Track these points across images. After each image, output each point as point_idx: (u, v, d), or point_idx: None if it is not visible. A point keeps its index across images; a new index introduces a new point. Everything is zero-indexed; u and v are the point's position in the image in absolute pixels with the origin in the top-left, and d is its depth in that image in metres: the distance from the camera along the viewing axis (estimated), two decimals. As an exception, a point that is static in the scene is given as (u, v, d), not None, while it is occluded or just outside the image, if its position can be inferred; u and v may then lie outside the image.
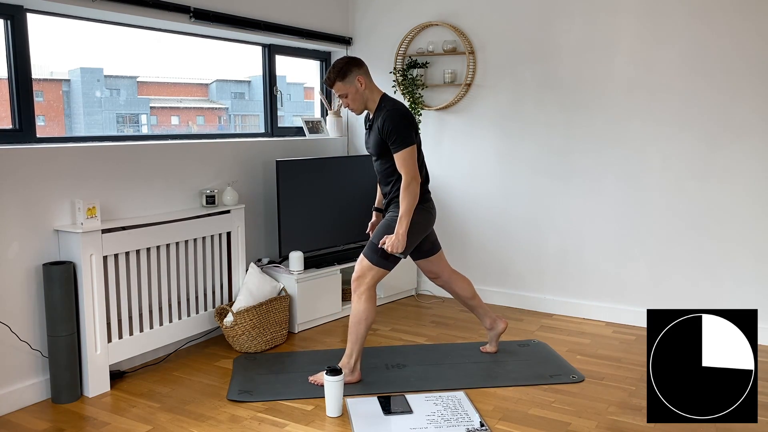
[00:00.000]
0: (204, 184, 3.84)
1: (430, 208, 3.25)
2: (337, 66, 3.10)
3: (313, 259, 4.21)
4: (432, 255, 3.43)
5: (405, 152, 3.04)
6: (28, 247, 2.99)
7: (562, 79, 4.18)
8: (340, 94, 3.14)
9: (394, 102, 3.14)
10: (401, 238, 3.04)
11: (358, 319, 3.13)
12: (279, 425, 2.79)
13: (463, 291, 3.49)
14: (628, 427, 2.75)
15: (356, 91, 3.11)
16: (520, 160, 4.39)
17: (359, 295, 3.13)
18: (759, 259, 3.69)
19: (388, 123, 3.04)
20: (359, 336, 3.14)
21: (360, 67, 3.12)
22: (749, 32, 3.60)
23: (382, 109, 3.10)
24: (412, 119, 3.12)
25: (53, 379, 3.01)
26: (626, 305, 4.12)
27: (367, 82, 3.13)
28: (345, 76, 3.09)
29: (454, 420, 2.79)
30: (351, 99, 3.13)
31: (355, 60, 3.13)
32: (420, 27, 4.63)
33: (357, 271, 3.17)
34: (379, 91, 3.18)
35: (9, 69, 3.05)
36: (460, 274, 3.52)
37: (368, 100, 3.15)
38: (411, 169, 3.05)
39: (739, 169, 3.71)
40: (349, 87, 3.10)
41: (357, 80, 3.10)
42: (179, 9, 3.59)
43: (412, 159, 3.05)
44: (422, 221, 3.19)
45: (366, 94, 3.13)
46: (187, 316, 3.62)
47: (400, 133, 3.03)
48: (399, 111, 3.08)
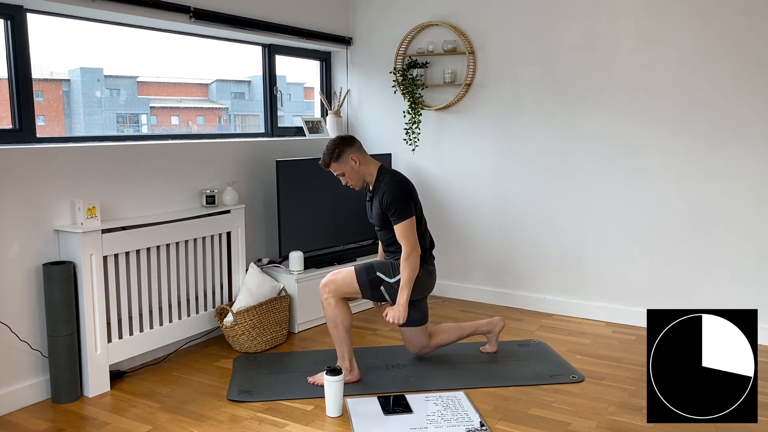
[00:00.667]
0: (204, 184, 3.84)
1: (432, 271, 3.32)
2: (330, 148, 3.18)
3: (313, 259, 4.21)
4: (421, 325, 3.38)
5: (405, 224, 3.11)
6: (28, 247, 2.99)
7: (562, 79, 4.18)
8: (337, 174, 3.21)
9: (392, 174, 3.22)
10: (402, 309, 3.10)
11: (334, 323, 3.17)
12: (279, 425, 2.79)
13: (451, 336, 3.48)
14: (628, 427, 2.75)
15: (352, 169, 3.19)
16: (520, 160, 4.39)
17: (325, 299, 3.17)
18: (759, 259, 3.69)
19: (387, 196, 3.13)
20: (341, 338, 3.17)
21: (352, 145, 3.19)
22: (749, 32, 3.60)
23: (381, 182, 3.18)
24: (410, 189, 3.20)
25: (53, 379, 3.01)
26: (626, 305, 4.12)
27: (361, 159, 3.20)
28: (339, 157, 3.17)
29: (454, 420, 2.79)
30: (348, 177, 3.21)
31: (345, 140, 3.20)
32: (420, 27, 4.63)
33: (332, 275, 3.20)
34: (375, 163, 3.25)
35: (9, 69, 3.05)
36: (437, 329, 3.48)
37: (365, 174, 3.23)
38: (411, 241, 3.11)
39: (739, 169, 3.71)
40: (344, 166, 3.18)
41: (351, 159, 3.17)
42: (179, 9, 3.59)
43: (412, 230, 3.12)
44: (423, 280, 3.25)
45: (362, 170, 3.21)
46: (187, 316, 3.62)
47: (398, 206, 3.11)
48: (397, 183, 3.16)
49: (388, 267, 3.22)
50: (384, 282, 3.20)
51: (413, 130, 4.66)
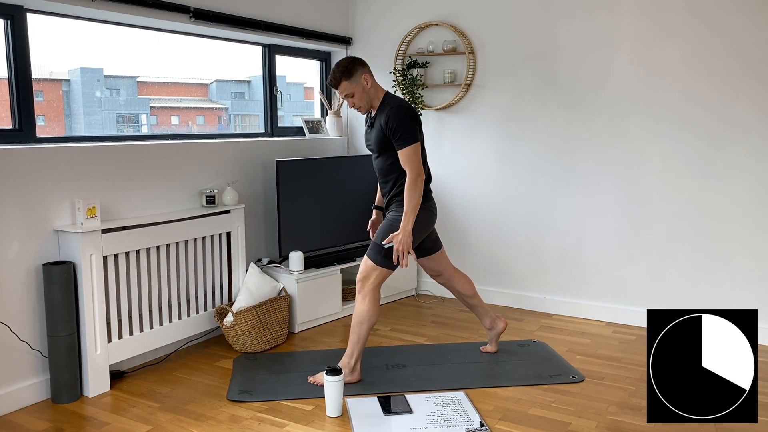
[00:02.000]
0: (204, 184, 3.84)
1: (431, 207, 3.24)
2: (342, 65, 3.08)
3: (313, 259, 4.21)
4: (434, 253, 3.43)
5: (410, 149, 3.04)
6: (28, 247, 2.99)
7: (562, 79, 4.18)
8: (345, 94, 3.12)
9: (398, 99, 3.14)
10: (407, 236, 3.04)
11: (361, 320, 3.13)
12: (279, 425, 2.79)
13: (464, 289, 3.50)
14: (628, 427, 2.75)
15: (362, 90, 3.11)
16: (520, 160, 4.39)
17: (363, 296, 3.13)
18: (759, 259, 3.69)
19: (392, 120, 3.04)
20: (361, 336, 3.14)
21: (364, 65, 3.12)
22: (749, 32, 3.60)
23: (386, 107, 3.10)
24: (417, 116, 3.13)
25: (53, 379, 3.01)
26: (626, 305, 4.12)
27: (372, 81, 3.13)
28: (351, 74, 3.08)
29: (454, 420, 2.79)
30: (357, 98, 3.12)
31: (358, 59, 3.13)
32: (420, 27, 4.63)
33: (361, 272, 3.17)
34: (383, 89, 3.18)
35: (9, 69, 3.05)
36: (461, 273, 3.52)
37: (373, 99, 3.15)
38: (416, 166, 3.04)
39: (739, 169, 3.71)
40: (355, 86, 3.09)
41: (363, 78, 3.09)
42: (179, 9, 3.59)
43: (417, 156, 3.05)
44: (424, 220, 3.18)
45: (371, 92, 3.13)
46: (187, 316, 3.62)
47: (405, 130, 3.03)
48: (403, 108, 3.08)
49: (389, 229, 3.13)
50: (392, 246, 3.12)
51: (413, 130, 4.65)
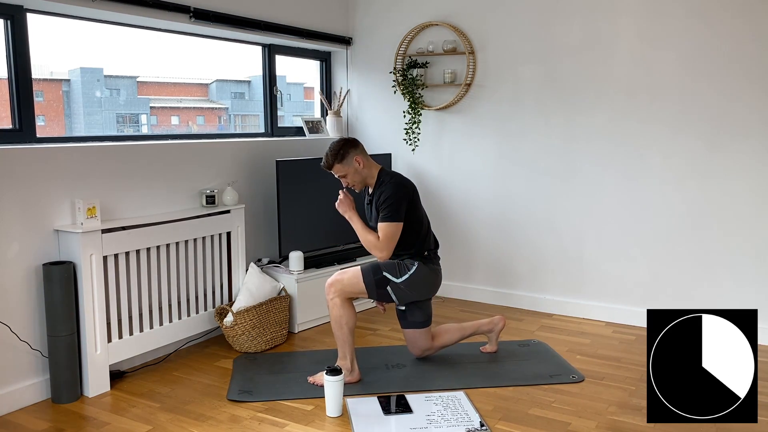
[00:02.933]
0: (204, 184, 3.84)
1: (437, 271, 3.31)
2: (334, 149, 3.17)
3: (313, 259, 4.21)
4: (425, 327, 3.37)
5: (391, 225, 3.12)
6: (28, 247, 2.99)
7: (562, 79, 4.18)
8: (339, 176, 3.20)
9: (393, 174, 3.23)
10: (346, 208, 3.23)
11: (339, 324, 3.16)
12: (279, 425, 2.79)
13: (453, 336, 3.47)
14: (628, 427, 2.75)
15: (355, 171, 3.19)
16: (520, 160, 4.39)
17: (331, 299, 3.16)
18: (759, 259, 3.69)
19: (384, 194, 3.14)
20: (345, 339, 3.16)
21: (356, 147, 3.20)
22: (749, 33, 3.60)
23: (381, 185, 3.19)
24: (409, 193, 3.19)
25: (53, 379, 3.01)
26: (626, 305, 4.12)
27: (365, 161, 3.21)
28: (343, 158, 3.16)
29: (454, 420, 2.79)
30: (351, 178, 3.21)
31: (350, 141, 3.20)
32: (420, 27, 4.63)
33: (338, 275, 3.19)
34: (377, 166, 3.26)
35: (9, 69, 3.05)
36: (439, 330, 3.47)
37: (367, 177, 3.23)
38: (387, 245, 3.13)
39: (739, 169, 3.71)
40: (347, 168, 3.18)
41: (355, 160, 3.18)
42: (179, 9, 3.59)
43: (394, 236, 3.13)
44: (430, 280, 3.25)
45: (364, 172, 3.21)
46: (187, 316, 3.62)
47: (391, 206, 3.12)
48: (396, 184, 3.17)
49: (394, 267, 3.21)
50: (390, 282, 3.19)
51: (413, 130, 4.66)
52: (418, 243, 3.23)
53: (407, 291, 3.20)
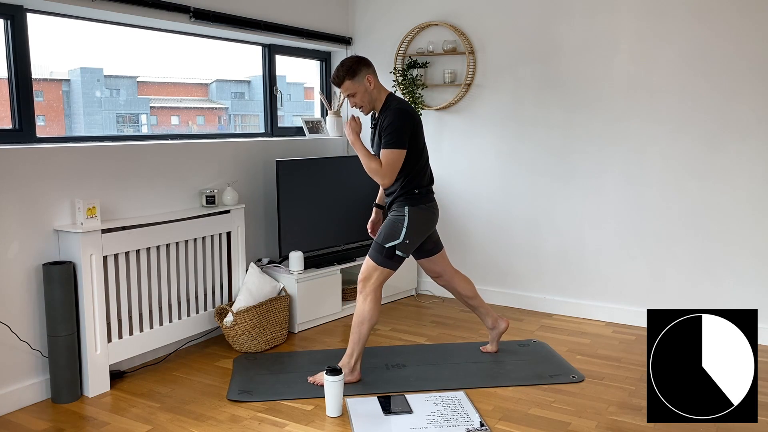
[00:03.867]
0: (204, 184, 3.84)
1: (433, 208, 3.24)
2: (347, 64, 3.06)
3: (313, 259, 4.21)
4: (434, 254, 3.42)
5: (393, 153, 3.03)
6: (28, 247, 2.99)
7: (562, 79, 4.18)
8: (348, 94, 3.09)
9: (401, 101, 3.13)
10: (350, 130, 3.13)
11: (362, 320, 3.13)
12: (279, 425, 2.79)
13: (465, 290, 3.49)
14: (628, 427, 2.75)
15: (365, 90, 3.09)
16: (520, 160, 4.39)
17: (365, 296, 3.13)
18: (759, 259, 3.69)
19: (388, 119, 3.04)
20: (361, 336, 3.14)
21: (369, 66, 3.11)
22: (749, 32, 3.60)
23: (387, 109, 3.10)
24: (414, 120, 3.11)
25: (53, 379, 3.01)
26: (626, 305, 4.12)
27: (376, 82, 3.12)
28: (355, 74, 3.06)
29: (454, 420, 2.79)
30: (359, 98, 3.10)
31: (363, 59, 3.11)
32: (420, 27, 4.63)
33: (363, 272, 3.17)
34: (386, 91, 3.17)
35: (9, 69, 3.05)
36: (461, 274, 3.52)
37: (376, 100, 3.14)
38: (389, 172, 3.04)
39: (739, 169, 3.71)
40: (358, 86, 3.07)
41: (366, 79, 3.08)
42: (179, 9, 3.59)
43: (396, 163, 3.04)
44: (425, 219, 3.19)
45: (374, 93, 3.12)
46: (187, 316, 3.62)
47: (394, 132, 3.02)
48: (403, 110, 3.07)
49: (390, 230, 3.13)
50: (396, 246, 3.11)
51: (413, 130, 4.65)
52: (410, 175, 3.14)
53: (413, 239, 3.14)
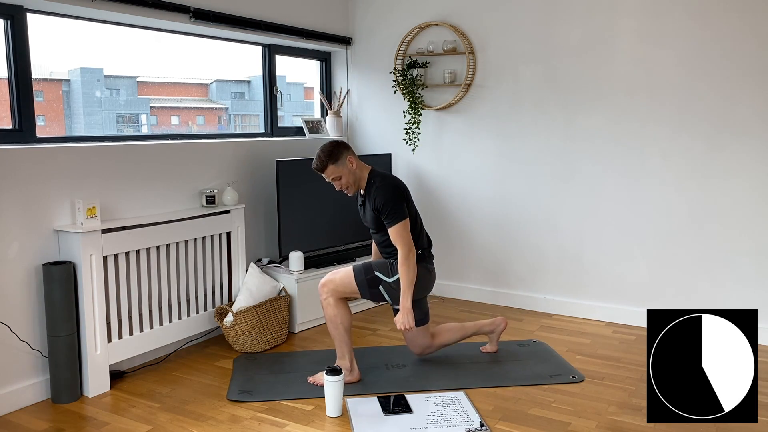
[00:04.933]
0: (204, 184, 3.84)
1: (431, 270, 3.30)
2: (327, 150, 3.12)
3: (313, 259, 4.21)
4: (422, 324, 3.36)
5: (399, 227, 3.08)
6: (28, 247, 2.99)
7: (562, 79, 4.18)
8: (333, 178, 3.15)
9: (383, 176, 3.19)
10: (408, 312, 3.08)
11: (334, 324, 3.16)
12: (279, 425, 2.79)
13: (455, 336, 3.46)
14: (628, 427, 2.75)
15: (349, 172, 3.15)
16: (519, 160, 4.39)
17: (324, 299, 3.16)
18: (759, 259, 3.69)
19: (379, 199, 3.10)
20: (341, 338, 3.16)
21: (348, 148, 3.17)
22: (749, 32, 3.60)
23: (372, 185, 3.15)
24: (403, 191, 3.17)
25: (53, 379, 3.01)
26: (626, 305, 4.12)
27: (357, 162, 3.18)
28: (337, 158, 3.12)
29: (454, 420, 2.79)
30: (344, 180, 3.15)
31: (341, 142, 3.18)
32: (420, 27, 4.63)
33: (331, 275, 3.19)
34: (367, 167, 3.23)
35: (9, 69, 3.05)
36: (439, 329, 3.46)
37: (360, 179, 3.19)
38: (406, 242, 3.09)
39: (738, 169, 3.71)
40: (342, 169, 3.13)
41: (348, 160, 3.14)
42: (179, 9, 3.59)
43: (406, 232, 3.09)
44: (422, 279, 3.23)
45: (357, 173, 3.18)
46: (187, 316, 3.62)
47: (391, 208, 3.08)
48: (389, 186, 3.13)
49: (386, 266, 3.21)
50: (383, 281, 3.19)
51: (413, 130, 4.66)
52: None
53: (400, 290, 3.19)
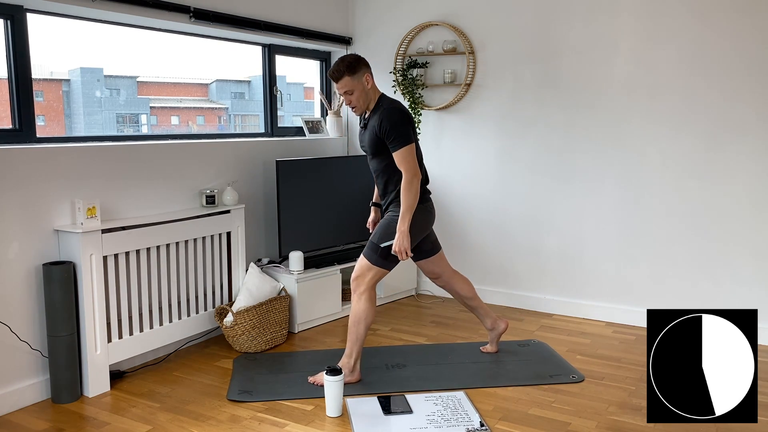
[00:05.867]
0: (204, 184, 3.84)
1: (429, 208, 3.24)
2: (347, 60, 3.06)
3: (313, 259, 4.21)
4: (432, 255, 3.42)
5: (405, 150, 3.04)
6: (28, 247, 2.99)
7: (562, 79, 4.18)
8: (345, 90, 3.09)
9: (392, 101, 3.14)
10: (405, 236, 3.04)
11: (358, 319, 3.13)
12: (279, 425, 2.79)
13: (464, 291, 3.49)
14: (628, 427, 2.75)
15: (362, 89, 3.09)
16: (520, 160, 4.39)
17: (359, 295, 3.13)
18: (759, 259, 3.69)
19: (386, 122, 3.03)
20: (359, 336, 3.14)
21: (368, 65, 3.12)
22: (749, 32, 3.61)
23: (380, 108, 3.10)
24: (410, 117, 3.13)
25: (53, 379, 3.01)
26: (626, 305, 4.12)
27: (372, 82, 3.13)
28: (355, 71, 3.06)
29: (454, 420, 2.79)
30: (356, 96, 3.09)
31: (363, 58, 3.12)
32: (420, 27, 4.63)
33: (356, 270, 3.17)
34: (379, 91, 3.19)
35: (9, 69, 3.05)
36: (460, 275, 3.52)
37: (370, 100, 3.15)
38: (412, 166, 3.04)
39: (738, 169, 3.71)
40: (356, 83, 3.07)
41: (365, 77, 3.09)
42: (179, 9, 3.59)
43: (412, 156, 3.05)
44: (422, 221, 3.18)
45: (370, 93, 3.13)
46: (187, 316, 3.62)
47: (398, 131, 3.02)
48: (397, 109, 3.08)
49: (386, 231, 3.13)
50: (391, 246, 3.11)
51: (413, 130, 4.66)
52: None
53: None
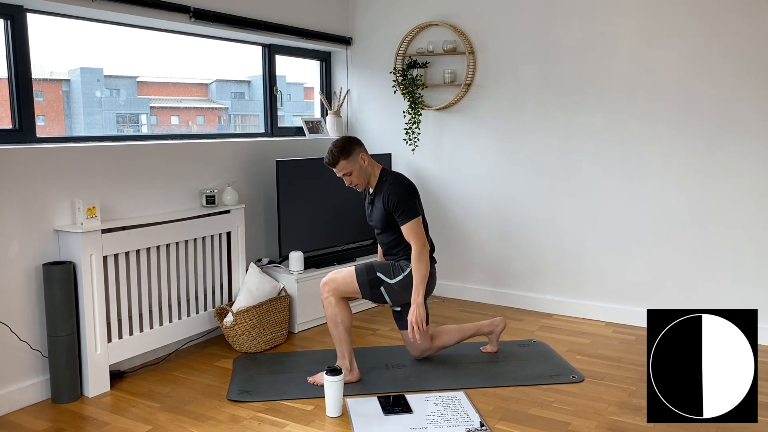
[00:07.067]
0: (204, 184, 3.84)
1: (432, 273, 3.29)
2: (339, 144, 3.13)
3: (313, 259, 4.21)
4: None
5: (413, 223, 3.10)
6: (28, 247, 2.99)
7: (562, 79, 4.18)
8: (344, 173, 3.16)
9: (395, 174, 3.21)
10: (421, 307, 3.09)
11: (334, 322, 3.16)
12: (279, 425, 2.79)
13: (453, 337, 3.45)
14: (628, 427, 2.75)
15: (360, 168, 3.16)
16: (519, 160, 4.39)
17: (327, 299, 3.16)
18: (759, 259, 3.69)
19: (393, 196, 3.11)
20: (341, 337, 3.16)
21: (360, 144, 3.18)
22: (749, 32, 3.60)
23: (384, 183, 3.17)
24: (415, 189, 3.20)
25: (53, 379, 3.01)
26: (626, 305, 4.12)
27: (369, 159, 3.19)
28: (349, 154, 3.13)
29: (454, 420, 2.79)
30: (355, 176, 3.17)
31: (354, 138, 3.19)
32: (420, 27, 4.63)
33: (331, 276, 3.19)
34: (378, 166, 3.25)
35: (9, 69, 3.05)
36: (437, 330, 3.46)
37: (370, 176, 3.21)
38: (420, 238, 3.11)
39: (738, 169, 3.71)
40: (353, 165, 3.14)
41: (360, 157, 3.15)
42: (179, 9, 3.59)
43: (420, 229, 3.12)
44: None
45: (368, 170, 3.19)
46: (187, 316, 3.62)
47: (407, 205, 3.10)
48: (403, 183, 3.16)
49: (388, 268, 3.21)
50: (384, 283, 3.19)
51: (413, 130, 4.66)
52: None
53: (401, 292, 3.20)
